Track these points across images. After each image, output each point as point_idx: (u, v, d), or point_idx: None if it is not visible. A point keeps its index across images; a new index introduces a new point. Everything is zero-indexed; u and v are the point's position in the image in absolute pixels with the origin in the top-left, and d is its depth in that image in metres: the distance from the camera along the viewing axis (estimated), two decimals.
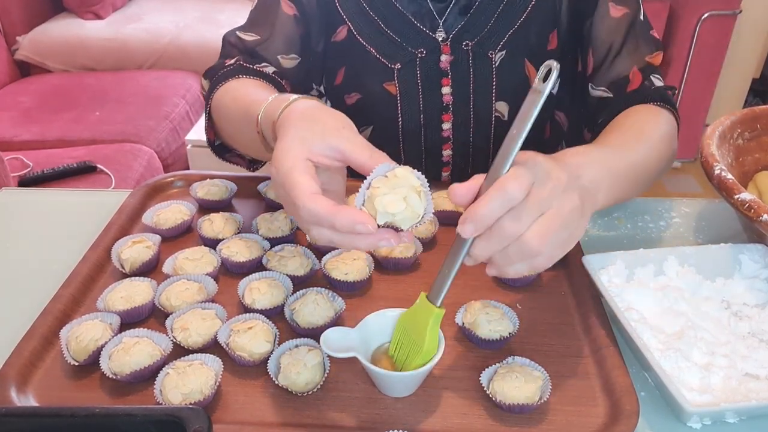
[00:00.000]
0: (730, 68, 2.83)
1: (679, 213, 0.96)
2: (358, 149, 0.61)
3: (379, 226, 0.56)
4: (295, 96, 0.68)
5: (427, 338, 0.62)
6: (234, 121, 0.82)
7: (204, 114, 0.91)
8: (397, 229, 0.58)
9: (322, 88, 1.06)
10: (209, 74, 0.93)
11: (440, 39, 0.96)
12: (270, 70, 0.93)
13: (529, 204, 0.56)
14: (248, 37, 0.96)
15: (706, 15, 2.60)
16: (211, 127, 0.91)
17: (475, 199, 0.57)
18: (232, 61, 0.93)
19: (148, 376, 0.66)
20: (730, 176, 0.78)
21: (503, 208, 0.55)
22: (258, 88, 0.84)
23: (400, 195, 0.57)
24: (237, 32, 0.98)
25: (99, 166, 2.07)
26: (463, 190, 0.57)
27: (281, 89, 0.91)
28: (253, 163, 0.94)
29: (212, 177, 0.96)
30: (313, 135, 0.61)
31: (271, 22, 0.96)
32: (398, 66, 0.96)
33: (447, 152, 1.02)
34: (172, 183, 0.99)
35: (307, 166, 0.60)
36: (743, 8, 2.64)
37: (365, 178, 0.59)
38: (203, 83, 0.94)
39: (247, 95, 0.80)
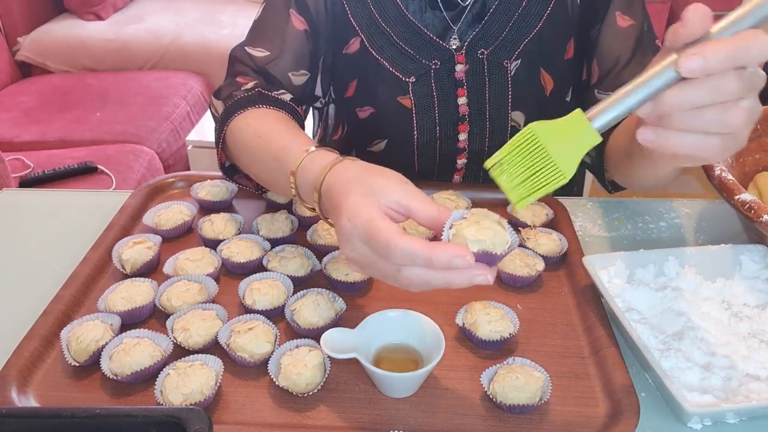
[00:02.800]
0: None
1: (679, 213, 0.96)
2: (425, 205, 0.59)
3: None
4: (337, 156, 0.67)
5: (571, 164, 0.51)
6: (257, 158, 0.79)
7: (216, 136, 0.87)
8: (490, 257, 0.56)
9: (328, 98, 1.05)
10: (222, 95, 0.89)
11: (454, 47, 0.94)
12: (287, 97, 0.90)
13: (759, 74, 0.50)
14: (257, 53, 0.93)
15: None
16: (223, 150, 0.88)
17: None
18: (250, 84, 0.89)
19: (148, 377, 0.66)
20: (730, 177, 0.78)
21: (740, 61, 0.48)
22: (282, 124, 0.81)
23: (485, 225, 0.56)
24: (246, 48, 0.94)
25: (100, 166, 2.07)
26: (698, 17, 0.49)
27: (299, 119, 0.89)
28: (261, 188, 0.91)
29: (213, 178, 0.96)
30: (377, 191, 0.60)
31: (281, 37, 0.93)
32: (413, 79, 0.95)
33: (461, 161, 1.00)
34: (172, 184, 0.99)
35: (384, 214, 0.58)
36: None
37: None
38: (215, 103, 0.90)
39: (275, 136, 0.77)
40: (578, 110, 0.53)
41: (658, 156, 0.62)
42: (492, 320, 0.70)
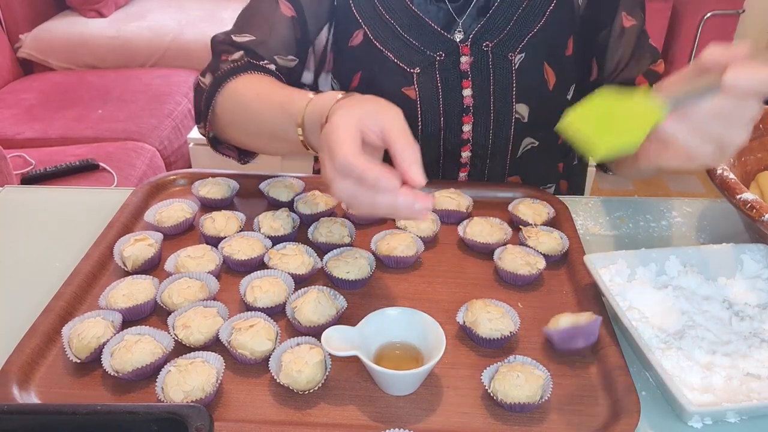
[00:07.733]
0: None
1: (681, 213, 0.96)
2: (402, 137, 0.62)
3: None
4: (345, 93, 0.71)
5: (630, 131, 0.51)
6: (258, 114, 0.83)
7: (204, 106, 0.89)
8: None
9: (329, 87, 1.05)
10: (211, 70, 0.92)
11: (459, 39, 0.95)
12: (273, 67, 0.93)
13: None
14: (242, 39, 0.95)
15: (708, 15, 2.60)
16: (209, 120, 0.91)
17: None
18: (236, 55, 0.92)
19: (149, 374, 0.66)
20: (732, 176, 0.78)
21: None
22: (279, 84, 0.85)
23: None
24: (231, 35, 0.96)
25: (101, 164, 2.07)
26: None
27: None
28: (244, 156, 0.94)
29: (214, 175, 0.96)
30: (365, 111, 0.64)
31: (268, 22, 0.95)
32: (417, 70, 0.95)
33: (466, 153, 1.01)
34: (174, 181, 0.99)
35: (355, 131, 0.62)
36: (746, 8, 2.63)
37: None
38: (203, 79, 0.93)
39: (276, 92, 0.81)
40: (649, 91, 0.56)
41: (645, 157, 0.65)
42: (493, 318, 0.70)
